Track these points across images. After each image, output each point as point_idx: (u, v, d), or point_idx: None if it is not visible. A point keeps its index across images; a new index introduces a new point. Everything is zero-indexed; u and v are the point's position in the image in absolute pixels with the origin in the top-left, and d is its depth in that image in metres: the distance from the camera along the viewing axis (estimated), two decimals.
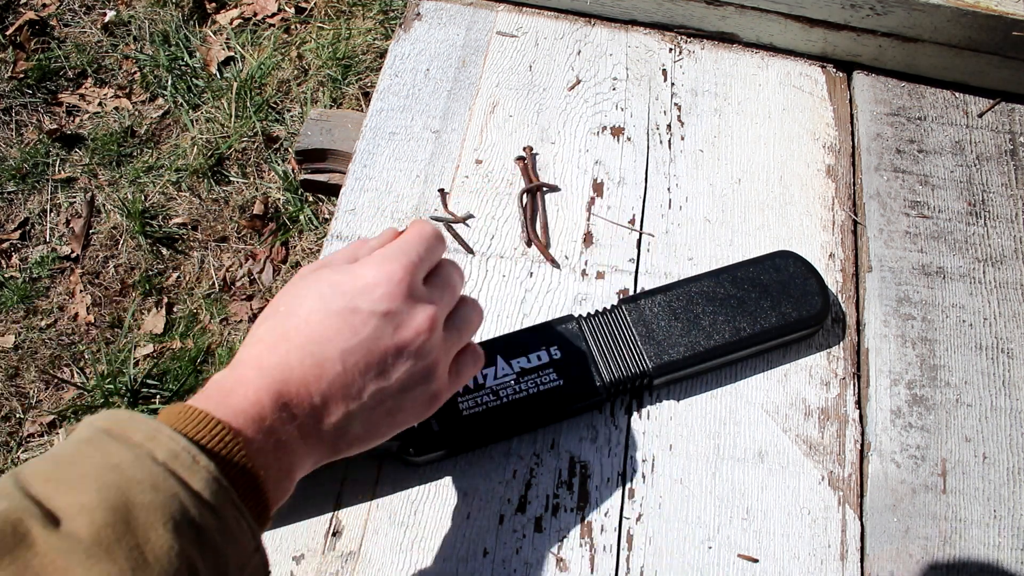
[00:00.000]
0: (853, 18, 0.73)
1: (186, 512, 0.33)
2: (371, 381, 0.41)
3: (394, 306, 0.42)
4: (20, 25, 1.85)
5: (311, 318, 0.41)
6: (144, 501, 0.32)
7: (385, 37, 1.79)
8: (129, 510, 0.32)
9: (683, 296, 0.60)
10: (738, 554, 0.55)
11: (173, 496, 0.33)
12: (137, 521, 0.32)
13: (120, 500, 0.32)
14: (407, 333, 0.42)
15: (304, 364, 0.40)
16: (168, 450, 0.34)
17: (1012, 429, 0.59)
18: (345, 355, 0.40)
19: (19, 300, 1.55)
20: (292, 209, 1.62)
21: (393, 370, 0.42)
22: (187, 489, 0.34)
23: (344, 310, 0.41)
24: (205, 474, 0.34)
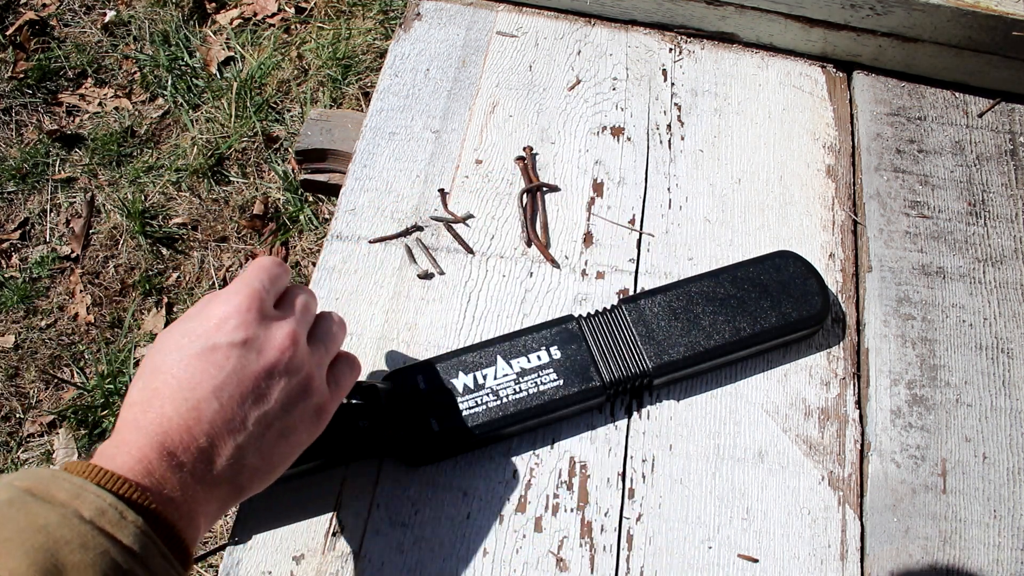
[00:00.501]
0: (853, 18, 0.73)
1: (118, 567, 0.34)
2: (251, 408, 0.42)
3: (250, 333, 0.43)
4: (20, 25, 1.85)
5: (176, 369, 0.42)
6: (75, 561, 0.33)
7: (385, 37, 1.79)
8: (60, 570, 0.32)
9: (683, 296, 0.60)
10: (738, 554, 0.55)
11: (103, 553, 0.34)
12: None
13: (50, 563, 0.32)
14: (271, 354, 0.43)
15: (180, 412, 0.40)
16: (95, 508, 0.35)
17: (1012, 429, 0.59)
18: (218, 391, 0.41)
19: (19, 300, 1.55)
20: (292, 209, 1.62)
21: (270, 393, 0.43)
22: (117, 545, 0.34)
23: (204, 351, 0.42)
24: (134, 528, 0.35)
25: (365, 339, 0.62)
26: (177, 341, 0.43)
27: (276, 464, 0.44)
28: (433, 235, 0.67)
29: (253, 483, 0.43)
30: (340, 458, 0.55)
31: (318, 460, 0.53)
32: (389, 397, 0.55)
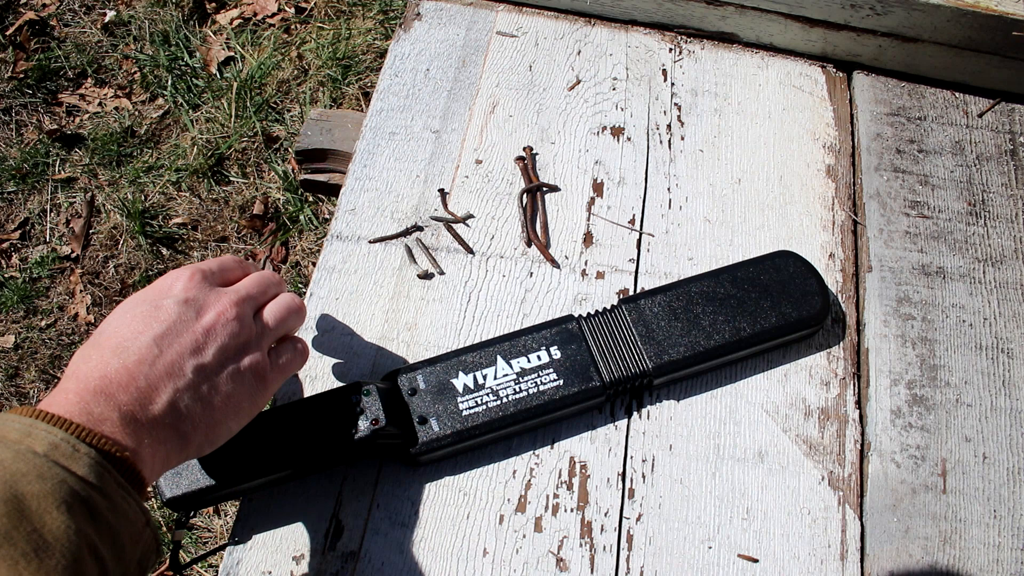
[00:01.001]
0: (853, 18, 0.73)
1: (76, 495, 0.35)
2: (189, 357, 0.44)
3: (191, 294, 0.47)
4: (20, 25, 1.85)
5: (121, 324, 0.45)
6: (33, 490, 0.34)
7: (385, 37, 1.79)
8: (20, 500, 0.34)
9: (683, 296, 0.60)
10: (738, 554, 0.55)
11: (61, 482, 0.35)
12: (30, 509, 0.34)
13: (9, 493, 0.34)
14: (210, 315, 0.46)
15: (120, 358, 0.42)
16: (47, 443, 0.36)
17: (1012, 429, 0.59)
18: (159, 340, 0.44)
19: (19, 300, 1.55)
20: (292, 209, 1.62)
21: (207, 347, 0.45)
22: (72, 475, 0.36)
23: (148, 308, 0.46)
24: (87, 459, 0.37)
25: (365, 339, 0.62)
26: (124, 305, 0.46)
27: (216, 420, 0.45)
28: (433, 235, 0.67)
29: (196, 433, 0.44)
30: (340, 459, 0.55)
31: (319, 463, 0.53)
32: (389, 397, 0.55)
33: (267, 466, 0.52)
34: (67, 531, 0.34)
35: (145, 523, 0.39)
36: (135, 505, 0.39)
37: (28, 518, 0.33)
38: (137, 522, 0.39)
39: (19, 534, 0.33)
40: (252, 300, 0.49)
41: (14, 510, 0.33)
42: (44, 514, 0.34)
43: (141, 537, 0.39)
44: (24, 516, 0.33)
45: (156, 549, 0.41)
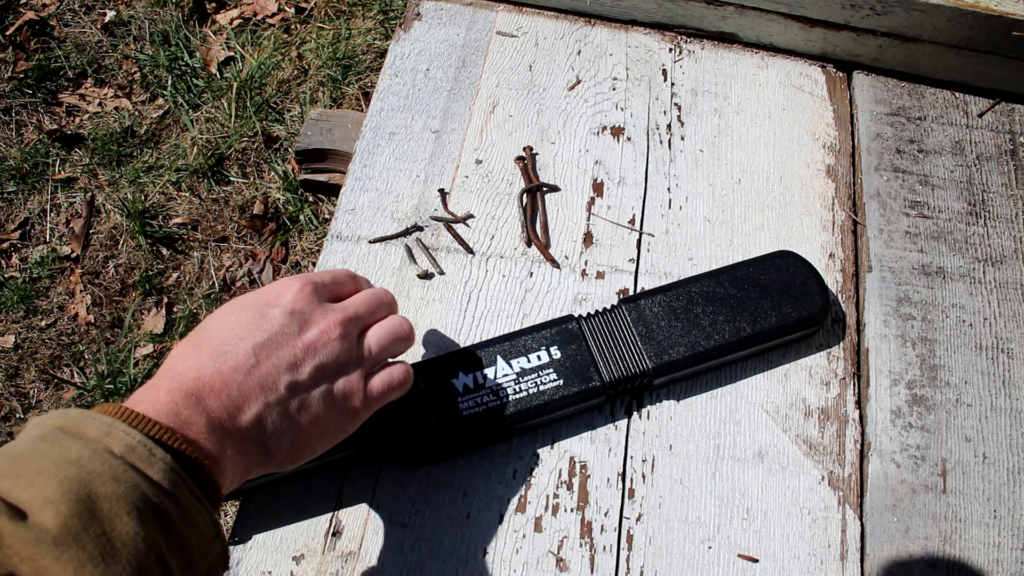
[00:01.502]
0: (853, 18, 0.73)
1: (148, 501, 0.35)
2: (284, 372, 0.43)
3: (299, 307, 0.46)
4: (20, 25, 1.85)
5: (222, 326, 0.44)
6: (106, 492, 0.33)
7: (385, 37, 1.79)
8: (93, 501, 0.33)
9: (683, 296, 0.60)
10: (738, 554, 0.55)
11: (134, 486, 0.34)
12: (101, 511, 0.33)
13: (83, 492, 0.33)
14: (313, 331, 0.46)
15: (217, 363, 0.42)
16: (125, 444, 0.36)
17: (1012, 429, 0.59)
18: (257, 349, 0.43)
19: (19, 300, 1.55)
20: (292, 209, 1.62)
21: (304, 364, 0.44)
22: (147, 480, 0.35)
23: (253, 314, 0.45)
24: (163, 465, 0.36)
25: None
26: (231, 306, 0.46)
27: (301, 440, 0.44)
28: (433, 235, 0.67)
29: (279, 450, 0.43)
30: (341, 457, 0.55)
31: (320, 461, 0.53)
32: None
33: None
34: (135, 538, 0.33)
35: (215, 535, 0.39)
36: (207, 516, 0.38)
37: (99, 520, 0.33)
38: (208, 533, 0.38)
39: (88, 536, 0.32)
40: (359, 320, 0.48)
41: (86, 510, 0.33)
42: (115, 518, 0.33)
43: (211, 549, 0.38)
44: (95, 518, 0.33)
45: (224, 561, 0.40)
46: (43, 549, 0.31)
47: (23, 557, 0.31)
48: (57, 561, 0.31)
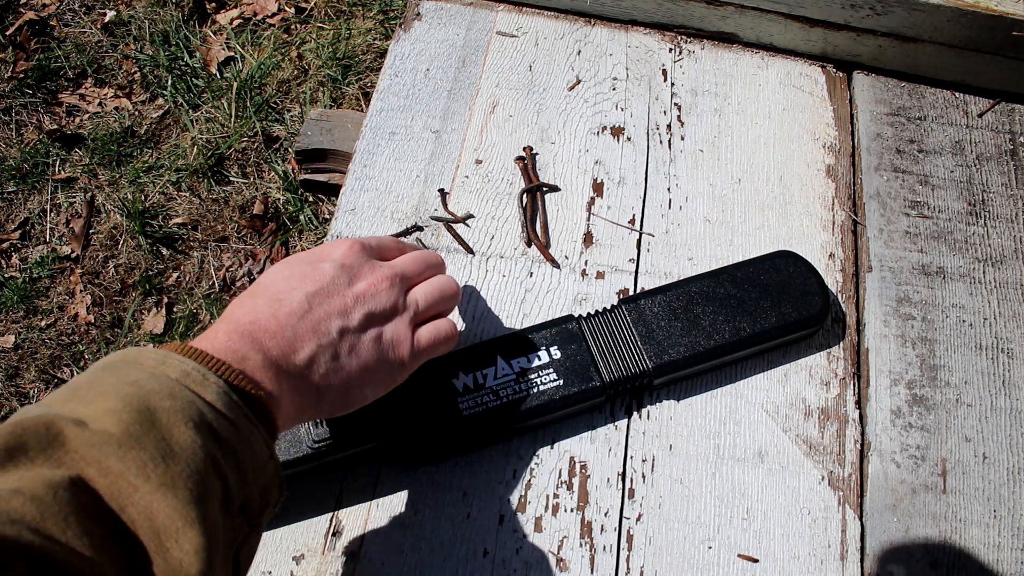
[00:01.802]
0: (853, 18, 0.73)
1: (203, 416, 0.36)
2: (336, 318, 0.46)
3: (348, 261, 0.49)
4: (20, 25, 1.85)
5: (278, 279, 0.47)
6: (164, 406, 0.35)
7: (385, 37, 1.79)
8: (152, 412, 0.35)
9: (683, 296, 0.60)
10: (738, 554, 0.55)
11: (190, 403, 0.36)
12: (160, 420, 0.35)
13: (142, 404, 0.35)
14: (363, 283, 0.48)
15: (273, 309, 0.44)
16: (180, 371, 0.38)
17: (1012, 429, 0.59)
18: (310, 297, 0.46)
19: (19, 300, 1.55)
20: (292, 209, 1.62)
21: (354, 311, 0.47)
22: (201, 399, 0.37)
23: (306, 267, 0.48)
24: (216, 388, 0.38)
25: None
26: (285, 262, 0.49)
27: (351, 384, 0.46)
28: (433, 235, 0.67)
29: (329, 392, 0.45)
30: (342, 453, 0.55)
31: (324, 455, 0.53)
32: (388, 397, 0.55)
33: None
34: (193, 444, 0.35)
35: (269, 457, 0.40)
36: (260, 438, 0.39)
37: (158, 428, 0.34)
38: (261, 454, 0.39)
39: (149, 440, 0.34)
40: (405, 277, 0.51)
41: (146, 420, 0.34)
42: (172, 427, 0.35)
43: (265, 469, 0.40)
44: (154, 426, 0.34)
45: (279, 486, 0.41)
46: (107, 450, 0.33)
47: (88, 459, 0.32)
48: (121, 461, 0.33)
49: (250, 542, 0.39)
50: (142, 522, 0.32)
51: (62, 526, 0.30)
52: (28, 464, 0.32)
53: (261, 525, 0.40)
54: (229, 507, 0.36)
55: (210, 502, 0.35)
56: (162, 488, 0.33)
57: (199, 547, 0.33)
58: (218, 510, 0.35)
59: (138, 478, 0.33)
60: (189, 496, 0.33)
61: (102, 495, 0.32)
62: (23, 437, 0.32)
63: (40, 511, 0.30)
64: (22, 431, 0.32)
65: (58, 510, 0.30)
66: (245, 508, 0.38)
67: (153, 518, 0.32)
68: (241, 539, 0.38)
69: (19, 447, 0.32)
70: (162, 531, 0.32)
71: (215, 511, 0.35)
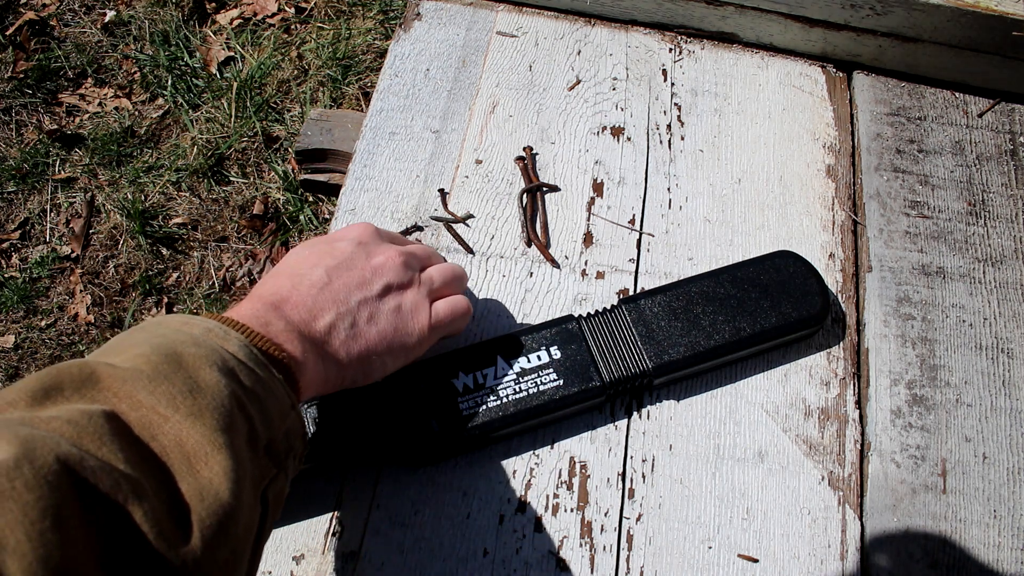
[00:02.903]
0: (853, 18, 0.73)
1: (227, 363, 0.39)
2: (355, 289, 0.49)
3: (365, 239, 0.52)
4: (20, 25, 1.85)
5: (297, 259, 0.50)
6: (189, 352, 0.38)
7: (385, 37, 1.79)
8: (179, 356, 0.37)
9: (683, 296, 0.60)
10: (738, 554, 0.55)
11: (214, 350, 0.39)
12: (187, 363, 0.37)
13: (171, 349, 0.37)
14: (379, 258, 0.51)
15: (294, 283, 0.47)
16: (203, 327, 0.40)
17: (1012, 429, 0.59)
18: (330, 271, 0.49)
19: (19, 300, 1.55)
20: (292, 209, 1.62)
21: (372, 283, 0.50)
22: (224, 350, 0.39)
23: (325, 246, 0.51)
24: (238, 342, 0.40)
25: None
26: (304, 244, 0.52)
27: (370, 352, 0.48)
28: (433, 235, 0.67)
29: (349, 361, 0.47)
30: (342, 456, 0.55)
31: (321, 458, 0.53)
32: (388, 397, 0.55)
33: None
34: (218, 384, 0.37)
35: (291, 406, 0.42)
36: (282, 389, 0.41)
37: (184, 368, 0.37)
38: (284, 402, 0.41)
39: (177, 377, 0.36)
40: (417, 258, 0.54)
41: (173, 361, 0.37)
42: (198, 369, 0.37)
43: (287, 417, 0.41)
44: (181, 366, 0.37)
45: (303, 437, 0.43)
46: (137, 385, 0.35)
47: (120, 395, 0.34)
48: (151, 395, 0.35)
49: (277, 484, 0.40)
50: (172, 448, 0.34)
51: (98, 444, 0.31)
52: (64, 402, 0.33)
53: (287, 469, 0.41)
54: (255, 444, 0.38)
55: (237, 434, 0.36)
56: (191, 417, 0.35)
57: (227, 468, 0.35)
58: (244, 444, 0.37)
59: (167, 409, 0.35)
60: (216, 425, 0.35)
61: (133, 427, 0.34)
62: (58, 378, 0.34)
63: (77, 432, 0.31)
64: (57, 373, 0.34)
65: (94, 431, 0.32)
66: (270, 448, 0.39)
67: (183, 444, 0.34)
68: (268, 479, 0.39)
69: (55, 387, 0.34)
70: (192, 455, 0.34)
71: (241, 443, 0.37)
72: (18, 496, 0.26)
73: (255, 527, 0.37)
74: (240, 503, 0.35)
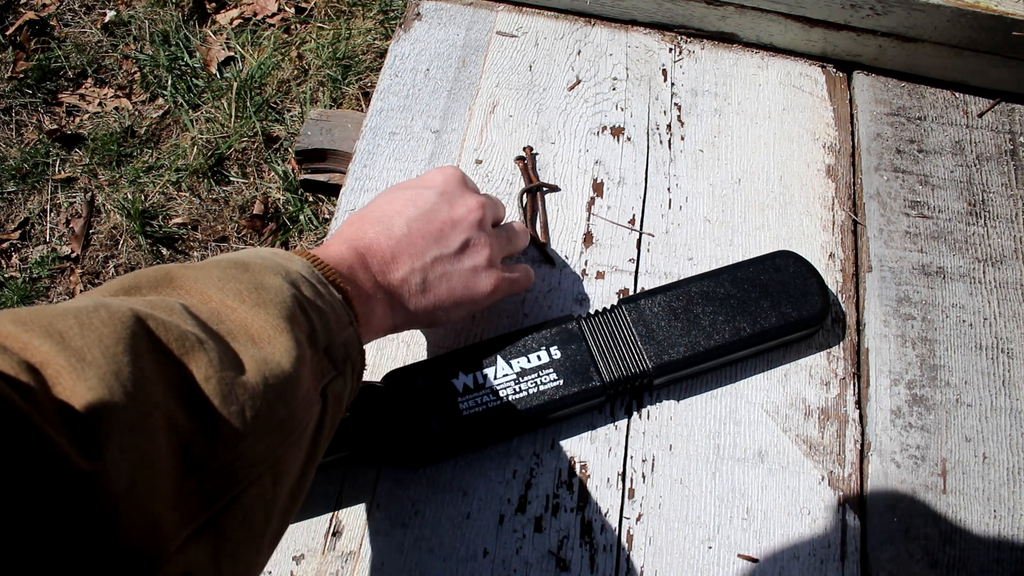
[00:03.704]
0: (853, 18, 0.73)
1: (290, 275, 0.41)
2: (432, 244, 0.51)
3: (449, 188, 0.54)
4: (20, 25, 1.85)
5: (382, 204, 0.52)
6: (257, 263, 0.41)
7: (385, 37, 1.79)
8: (245, 263, 0.40)
9: (683, 296, 0.60)
10: (738, 554, 0.55)
11: (278, 264, 0.41)
12: (253, 270, 0.40)
13: (238, 259, 0.41)
14: (460, 210, 0.53)
15: (377, 230, 0.50)
16: (267, 255, 0.43)
17: (1012, 429, 0.59)
18: (410, 222, 0.51)
19: (19, 300, 1.55)
20: (292, 209, 1.62)
21: (450, 238, 0.52)
22: (288, 268, 0.42)
23: (410, 194, 0.53)
24: (300, 262, 0.43)
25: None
26: (395, 187, 0.55)
27: (436, 305, 0.51)
28: None
29: (416, 308, 0.51)
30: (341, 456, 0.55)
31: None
32: (388, 397, 0.55)
33: None
34: (281, 288, 0.39)
35: (349, 322, 0.44)
36: (342, 308, 0.43)
37: (252, 273, 0.39)
38: (343, 317, 0.43)
39: (243, 278, 0.39)
40: (493, 208, 0.56)
41: (240, 266, 0.40)
42: (264, 274, 0.40)
43: (346, 328, 0.43)
44: (247, 270, 0.40)
45: (360, 351, 0.45)
46: (208, 283, 0.38)
47: (191, 291, 0.37)
48: (220, 291, 0.38)
49: (336, 385, 0.42)
50: (239, 330, 0.37)
51: (169, 312, 0.34)
52: (141, 296, 0.36)
53: (346, 374, 0.43)
54: (315, 343, 0.40)
55: (299, 328, 0.39)
56: (256, 307, 0.38)
57: (289, 348, 0.37)
58: (305, 339, 0.39)
59: (235, 301, 0.38)
60: (280, 315, 0.38)
61: (201, 315, 0.36)
62: (137, 279, 0.37)
63: (152, 306, 0.34)
64: (135, 276, 0.38)
65: (167, 307, 0.35)
66: (329, 351, 0.41)
67: (248, 327, 0.37)
68: (329, 378, 0.41)
69: (134, 286, 0.37)
70: (256, 336, 0.37)
71: (303, 337, 0.39)
72: (96, 327, 0.30)
73: (315, 416, 0.39)
74: (300, 378, 0.37)
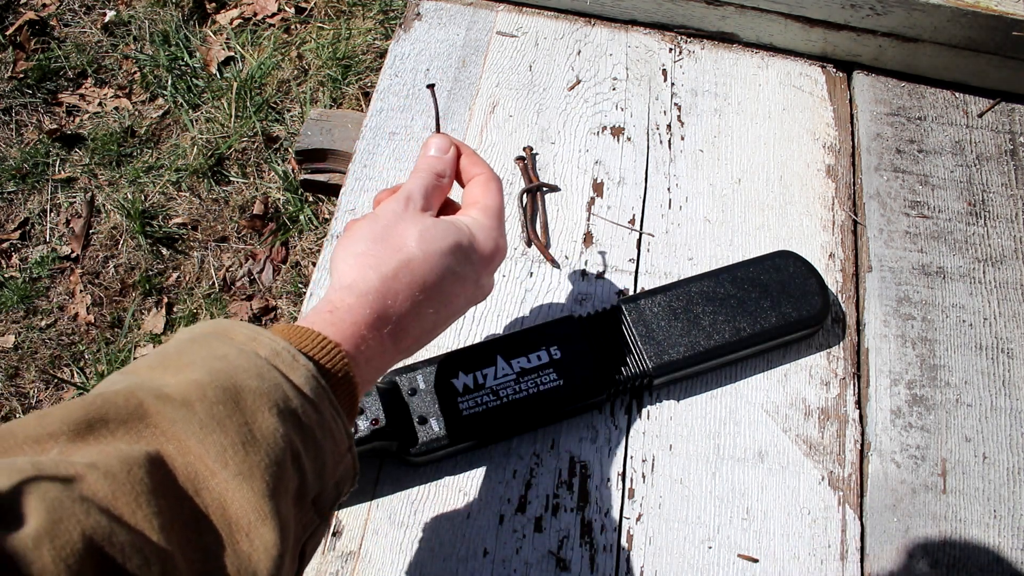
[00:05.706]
0: (853, 18, 0.73)
1: (288, 402, 0.36)
2: (417, 290, 0.45)
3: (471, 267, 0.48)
4: (20, 25, 1.85)
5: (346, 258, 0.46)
6: (251, 386, 0.34)
7: (385, 37, 1.79)
8: (237, 391, 0.34)
9: (683, 296, 0.60)
10: (738, 554, 0.55)
11: (276, 386, 0.35)
12: (245, 403, 0.34)
13: (229, 382, 0.34)
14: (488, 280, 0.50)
15: (396, 300, 0.44)
16: (270, 349, 0.37)
17: (1012, 429, 0.59)
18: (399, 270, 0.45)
19: (19, 300, 1.55)
20: (292, 209, 1.62)
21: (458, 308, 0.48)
22: (289, 383, 0.36)
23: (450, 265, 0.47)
24: (305, 371, 0.37)
25: None
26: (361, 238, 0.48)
27: (429, 335, 0.47)
28: None
29: (403, 355, 0.46)
30: None
31: None
32: (389, 397, 0.55)
33: None
34: (275, 433, 0.34)
35: (348, 448, 0.40)
36: (342, 428, 0.39)
37: (242, 411, 0.34)
38: (341, 445, 0.39)
39: (231, 424, 0.33)
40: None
41: (231, 400, 0.34)
42: (257, 412, 0.34)
43: (343, 461, 0.39)
44: (239, 408, 0.34)
45: (353, 477, 0.41)
46: (189, 430, 0.32)
47: (168, 436, 0.32)
48: (201, 444, 0.32)
49: (318, 534, 0.39)
50: (215, 511, 0.32)
51: (133, 507, 0.29)
52: (108, 437, 0.31)
53: (330, 518, 0.40)
54: (303, 500, 0.36)
55: (285, 495, 0.34)
56: (239, 477, 0.32)
57: (269, 544, 0.32)
58: (291, 504, 0.35)
59: (216, 463, 0.32)
60: (265, 489, 0.33)
61: (178, 476, 0.32)
62: (104, 409, 0.32)
63: (113, 489, 0.29)
64: (103, 403, 0.32)
65: (131, 488, 0.29)
66: (317, 500, 0.38)
67: (226, 507, 0.32)
68: (310, 532, 0.38)
69: (99, 419, 0.31)
70: (233, 523, 0.32)
71: (288, 505, 0.35)
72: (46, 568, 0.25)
73: None
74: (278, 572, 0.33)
